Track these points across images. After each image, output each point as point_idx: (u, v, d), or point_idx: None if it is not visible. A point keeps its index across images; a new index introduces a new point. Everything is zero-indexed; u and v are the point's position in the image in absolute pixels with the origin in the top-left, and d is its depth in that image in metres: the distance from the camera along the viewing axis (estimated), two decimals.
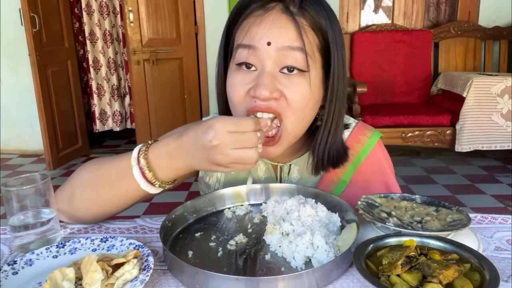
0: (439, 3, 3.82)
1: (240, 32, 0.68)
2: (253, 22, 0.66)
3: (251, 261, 0.61)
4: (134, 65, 3.69)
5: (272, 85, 0.64)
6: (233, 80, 0.69)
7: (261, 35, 0.64)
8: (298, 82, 0.66)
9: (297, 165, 0.83)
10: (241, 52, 0.66)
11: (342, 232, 0.65)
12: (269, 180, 0.84)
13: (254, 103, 0.66)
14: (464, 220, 0.65)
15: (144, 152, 0.66)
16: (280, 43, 0.64)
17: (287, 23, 0.65)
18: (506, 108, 2.99)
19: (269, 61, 0.65)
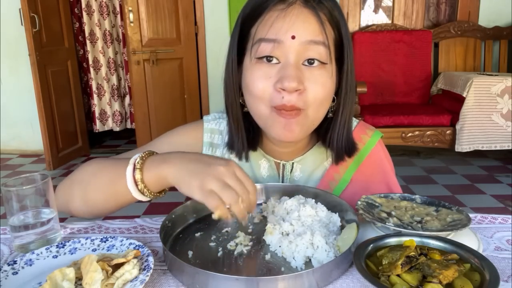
0: (439, 3, 3.82)
1: (262, 26, 0.68)
2: (277, 16, 0.66)
3: (251, 261, 0.61)
4: (134, 65, 3.69)
5: (298, 76, 0.66)
6: (255, 73, 0.69)
7: (286, 29, 0.65)
8: (319, 73, 0.68)
9: (299, 163, 0.84)
10: (264, 46, 0.67)
11: (342, 232, 0.65)
12: (271, 179, 0.85)
13: (282, 100, 0.67)
14: (464, 220, 0.65)
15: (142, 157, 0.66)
16: (304, 37, 0.66)
17: (309, 17, 0.66)
18: (506, 108, 2.99)
19: (293, 54, 0.67)
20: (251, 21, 0.71)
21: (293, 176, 0.84)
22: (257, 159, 0.85)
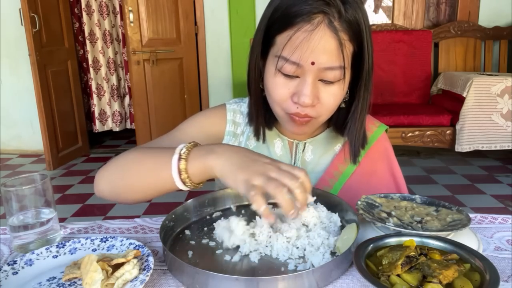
0: (439, 3, 3.82)
1: (288, 45, 0.71)
2: (302, 39, 0.70)
3: (251, 262, 0.61)
4: (134, 65, 3.68)
5: (313, 94, 0.72)
6: (276, 82, 0.75)
7: (308, 55, 0.70)
8: (333, 88, 0.74)
9: (311, 144, 0.90)
10: (287, 66, 0.72)
11: (342, 232, 0.65)
12: (284, 158, 0.89)
13: (296, 109, 0.74)
14: (464, 220, 0.65)
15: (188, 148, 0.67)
16: (323, 64, 0.71)
17: (330, 42, 0.70)
18: (506, 108, 2.99)
19: (311, 75, 0.72)
20: (278, 29, 0.73)
21: (305, 156, 0.90)
22: (272, 138, 0.90)
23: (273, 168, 0.61)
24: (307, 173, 0.62)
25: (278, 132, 0.90)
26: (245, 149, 0.67)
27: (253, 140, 0.91)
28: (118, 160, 0.75)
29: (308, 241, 0.63)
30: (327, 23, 0.69)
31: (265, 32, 0.76)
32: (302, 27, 0.69)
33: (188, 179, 0.66)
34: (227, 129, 0.92)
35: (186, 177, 0.65)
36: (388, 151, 0.93)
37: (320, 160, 0.89)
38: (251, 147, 0.91)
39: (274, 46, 0.75)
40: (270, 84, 0.76)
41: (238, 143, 0.92)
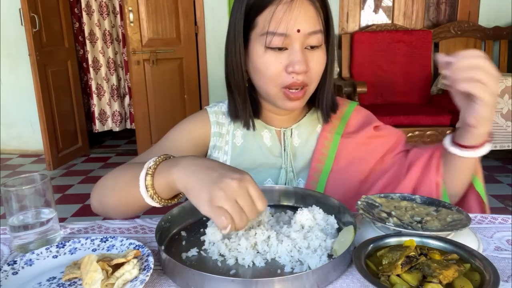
0: (439, 3, 3.82)
1: (273, 20, 0.77)
2: (284, 11, 0.76)
3: (247, 263, 0.61)
4: (134, 65, 3.68)
5: (305, 60, 0.78)
6: (268, 59, 0.79)
7: (293, 24, 0.77)
8: (317, 54, 0.81)
9: (296, 129, 0.94)
10: (276, 39, 0.77)
11: (339, 234, 0.65)
12: (275, 147, 0.93)
13: (292, 79, 0.79)
14: (464, 220, 0.65)
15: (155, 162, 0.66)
16: (307, 29, 0.77)
17: (309, 9, 0.78)
18: (506, 108, 2.99)
19: (299, 43, 0.78)
20: (257, 11, 0.79)
21: (293, 141, 0.93)
22: (260, 130, 0.93)
23: (239, 191, 0.57)
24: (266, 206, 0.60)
25: (264, 124, 0.93)
26: (211, 160, 0.65)
27: (239, 138, 0.94)
28: (105, 178, 0.78)
29: (307, 243, 0.63)
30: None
31: (245, 21, 0.81)
32: (281, 1, 0.77)
33: (156, 195, 0.65)
34: (212, 130, 0.94)
35: (153, 193, 0.64)
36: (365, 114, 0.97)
37: (307, 142, 0.93)
38: (239, 145, 0.93)
39: (256, 28, 0.80)
40: (261, 64, 0.80)
41: (225, 142, 0.94)
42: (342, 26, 3.78)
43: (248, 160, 0.92)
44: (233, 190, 0.57)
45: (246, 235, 0.64)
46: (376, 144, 0.92)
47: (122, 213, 0.76)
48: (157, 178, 0.64)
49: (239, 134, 0.94)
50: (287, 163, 0.92)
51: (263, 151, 0.92)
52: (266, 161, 0.92)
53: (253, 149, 0.93)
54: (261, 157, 0.92)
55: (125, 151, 4.24)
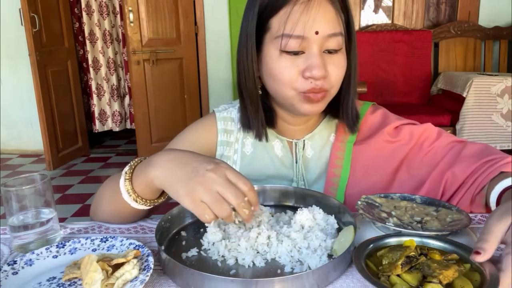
0: (439, 3, 3.82)
1: (289, 21, 0.72)
2: (301, 11, 0.71)
3: (247, 264, 0.61)
4: (134, 65, 3.68)
5: (324, 65, 0.73)
6: (283, 63, 0.74)
7: (310, 25, 0.71)
8: (338, 58, 0.76)
9: (310, 140, 0.89)
10: (292, 42, 0.72)
11: (339, 235, 0.65)
12: (286, 158, 0.89)
13: (310, 84, 0.73)
14: (464, 220, 0.65)
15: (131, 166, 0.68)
16: (326, 31, 0.72)
17: (328, 9, 0.73)
18: (506, 108, 2.99)
19: (317, 46, 0.73)
20: (271, 12, 0.74)
21: (306, 153, 0.89)
22: (271, 140, 0.89)
23: (217, 179, 0.58)
24: (252, 185, 0.60)
25: (275, 134, 0.89)
26: (183, 153, 0.64)
27: (249, 146, 0.90)
28: (97, 192, 0.79)
29: (307, 243, 0.63)
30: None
31: (257, 22, 0.76)
32: (298, 0, 0.71)
33: (139, 198, 0.66)
34: (219, 139, 0.91)
35: (136, 197, 0.66)
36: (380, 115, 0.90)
37: (321, 153, 0.88)
38: (248, 154, 0.89)
39: (270, 30, 0.75)
40: (275, 68, 0.75)
41: (234, 151, 0.90)
42: None
43: (258, 171, 0.88)
44: (210, 181, 0.58)
45: (246, 235, 0.64)
46: (394, 147, 0.85)
47: (119, 222, 0.77)
48: (135, 181, 0.66)
49: (248, 143, 0.90)
50: (299, 175, 0.88)
51: (274, 161, 0.88)
52: (276, 173, 0.88)
53: (263, 159, 0.89)
54: (271, 168, 0.88)
55: (125, 151, 4.24)
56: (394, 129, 0.87)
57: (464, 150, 0.82)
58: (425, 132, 0.87)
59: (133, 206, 0.68)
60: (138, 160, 0.69)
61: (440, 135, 0.87)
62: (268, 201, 0.81)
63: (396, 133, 0.87)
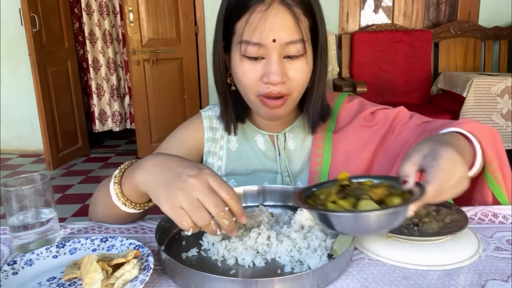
0: (439, 3, 3.82)
1: (247, 28, 0.73)
2: (259, 19, 0.72)
3: (247, 264, 0.61)
4: (134, 65, 3.68)
5: (281, 71, 0.74)
6: (243, 68, 0.76)
7: (267, 34, 0.72)
8: (299, 63, 0.76)
9: (291, 132, 0.91)
10: (250, 48, 0.74)
11: (339, 235, 0.65)
12: (269, 151, 0.91)
13: (267, 89, 0.75)
14: (462, 221, 0.65)
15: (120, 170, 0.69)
16: (283, 39, 0.73)
17: (286, 17, 0.72)
18: (506, 108, 2.99)
19: (276, 53, 0.74)
20: (235, 17, 0.76)
21: (287, 145, 0.91)
22: (253, 135, 0.92)
23: (198, 186, 0.56)
24: (235, 194, 0.59)
25: (257, 129, 0.91)
26: (170, 157, 0.64)
27: (234, 142, 0.92)
28: (95, 192, 0.80)
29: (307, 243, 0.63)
30: (280, 0, 0.72)
31: (224, 25, 0.78)
32: (256, 8, 0.72)
33: (128, 201, 0.67)
34: (205, 136, 0.93)
35: (125, 200, 0.67)
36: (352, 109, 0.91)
37: (303, 145, 0.90)
38: (233, 150, 0.92)
39: (235, 34, 0.77)
40: (238, 71, 0.77)
41: (220, 147, 0.93)
42: (342, 26, 3.78)
43: (243, 165, 0.91)
44: (191, 187, 0.56)
45: (246, 235, 0.64)
46: (371, 131, 0.87)
47: (115, 223, 0.77)
48: (124, 184, 0.67)
49: (233, 139, 0.93)
50: (283, 167, 0.90)
51: (258, 155, 0.91)
52: (261, 166, 0.91)
53: (248, 154, 0.91)
54: (256, 162, 0.91)
55: (125, 151, 4.24)
56: (370, 114, 0.89)
57: (428, 125, 0.83)
58: (399, 114, 0.89)
59: (123, 209, 0.68)
60: (128, 163, 0.69)
61: (412, 117, 0.88)
62: (268, 201, 0.81)
63: (372, 118, 0.89)
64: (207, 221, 0.56)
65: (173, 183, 0.58)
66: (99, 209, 0.77)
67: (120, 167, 0.68)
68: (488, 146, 0.74)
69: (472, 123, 0.75)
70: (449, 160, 0.55)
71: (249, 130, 0.92)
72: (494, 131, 0.79)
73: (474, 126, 0.74)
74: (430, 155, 0.57)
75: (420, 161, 0.57)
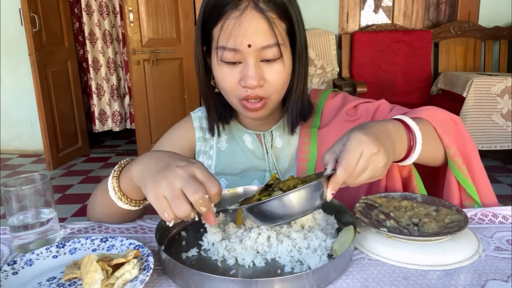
0: (439, 3, 3.82)
1: (222, 35, 0.75)
2: (233, 25, 0.73)
3: (247, 264, 0.61)
4: (134, 65, 3.68)
5: (258, 75, 0.75)
6: (222, 71, 0.78)
7: (242, 39, 0.73)
8: (276, 66, 0.77)
9: (277, 130, 0.92)
10: (226, 53, 0.75)
11: (339, 234, 0.65)
12: (257, 150, 0.92)
13: (246, 92, 0.77)
14: (462, 221, 0.65)
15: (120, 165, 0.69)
16: (258, 44, 0.74)
17: (260, 22, 0.73)
18: (506, 108, 2.99)
19: (251, 58, 0.75)
20: (212, 23, 0.77)
21: (275, 143, 0.92)
22: (241, 134, 0.93)
23: (182, 174, 0.56)
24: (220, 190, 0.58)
25: (244, 128, 0.93)
26: (166, 152, 0.64)
27: (224, 142, 0.94)
28: (94, 191, 0.81)
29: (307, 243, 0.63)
30: (253, 6, 0.73)
31: (202, 30, 0.79)
32: (230, 14, 0.73)
33: (124, 197, 0.67)
34: (196, 135, 0.95)
35: (121, 195, 0.67)
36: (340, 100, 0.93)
37: (290, 142, 0.91)
38: (223, 149, 0.94)
39: (213, 39, 0.78)
40: (218, 75, 0.79)
41: (210, 146, 0.95)
42: (342, 26, 3.78)
43: (233, 164, 0.92)
44: (175, 176, 0.56)
45: (246, 236, 0.64)
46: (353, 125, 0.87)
47: (112, 223, 0.78)
48: (121, 179, 0.67)
49: (223, 139, 0.94)
50: (271, 165, 0.91)
51: (247, 154, 0.92)
52: (250, 165, 0.92)
53: (237, 153, 0.93)
54: (245, 160, 0.92)
55: (125, 151, 4.24)
56: (352, 108, 0.91)
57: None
58: (380, 107, 0.90)
59: (118, 205, 0.68)
60: (129, 159, 0.69)
61: (393, 109, 0.89)
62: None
63: (354, 112, 0.90)
64: (186, 212, 0.55)
65: (160, 172, 0.58)
66: (97, 207, 0.78)
67: (120, 163, 0.69)
68: (444, 132, 0.77)
69: (429, 110, 0.79)
70: (355, 141, 0.59)
71: (236, 130, 0.93)
72: (455, 118, 0.82)
73: (430, 113, 0.78)
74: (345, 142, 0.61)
75: (340, 149, 0.62)
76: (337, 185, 0.59)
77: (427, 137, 0.72)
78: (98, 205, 0.77)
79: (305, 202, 0.59)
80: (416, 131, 0.71)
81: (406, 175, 0.85)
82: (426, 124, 0.75)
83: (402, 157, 0.71)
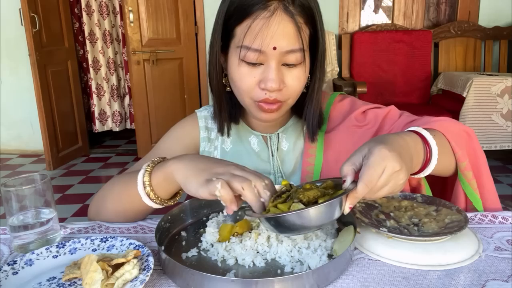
0: (439, 3, 3.82)
1: (248, 34, 0.73)
2: (261, 26, 0.72)
3: (247, 264, 0.61)
4: (134, 65, 3.68)
5: (279, 78, 0.74)
6: (241, 72, 0.76)
7: (269, 41, 0.72)
8: (297, 72, 0.76)
9: (284, 133, 0.91)
10: (250, 54, 0.74)
11: (339, 235, 0.65)
12: (263, 152, 0.91)
13: (264, 95, 0.76)
14: (462, 221, 0.65)
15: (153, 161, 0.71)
16: (284, 48, 0.73)
17: (288, 26, 0.72)
18: (506, 108, 2.99)
19: (274, 60, 0.74)
20: (236, 20, 0.75)
21: (281, 146, 0.91)
22: (247, 136, 0.92)
23: (235, 167, 0.62)
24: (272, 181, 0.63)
25: (250, 129, 0.92)
26: (208, 157, 0.69)
27: (228, 143, 0.93)
28: (101, 189, 0.81)
29: (307, 243, 0.63)
30: (283, 8, 0.72)
31: (223, 27, 0.78)
32: (259, 14, 0.72)
33: (153, 192, 0.68)
34: (201, 135, 0.94)
35: (150, 190, 0.68)
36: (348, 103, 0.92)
37: (295, 145, 0.91)
38: (228, 150, 0.93)
39: (235, 37, 0.76)
40: (235, 75, 0.77)
41: (214, 147, 0.94)
42: (342, 26, 3.78)
43: None
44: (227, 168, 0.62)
45: (246, 236, 0.64)
46: (362, 131, 0.88)
47: (122, 220, 0.78)
48: (155, 174, 0.68)
49: (228, 140, 0.93)
50: (275, 168, 0.91)
51: (252, 156, 0.91)
52: (255, 167, 0.90)
53: (242, 155, 0.92)
54: (249, 163, 0.91)
55: (125, 151, 4.23)
56: (361, 114, 0.90)
57: (414, 123, 0.84)
58: (389, 113, 0.90)
59: (144, 200, 0.69)
60: (160, 158, 0.72)
61: (402, 115, 0.89)
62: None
63: (363, 117, 0.89)
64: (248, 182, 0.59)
65: (213, 167, 0.63)
66: (110, 204, 0.77)
67: (153, 160, 0.71)
68: (458, 146, 0.76)
69: (444, 122, 0.77)
70: (379, 157, 0.58)
71: (243, 131, 0.92)
72: (469, 131, 0.82)
73: (445, 125, 0.77)
74: (366, 155, 0.60)
75: (359, 161, 0.60)
76: (357, 199, 0.58)
77: (442, 151, 0.71)
78: (113, 200, 0.77)
79: (324, 216, 0.57)
80: (433, 145, 0.70)
81: (415, 185, 0.85)
82: (441, 137, 0.75)
83: (417, 171, 0.71)
